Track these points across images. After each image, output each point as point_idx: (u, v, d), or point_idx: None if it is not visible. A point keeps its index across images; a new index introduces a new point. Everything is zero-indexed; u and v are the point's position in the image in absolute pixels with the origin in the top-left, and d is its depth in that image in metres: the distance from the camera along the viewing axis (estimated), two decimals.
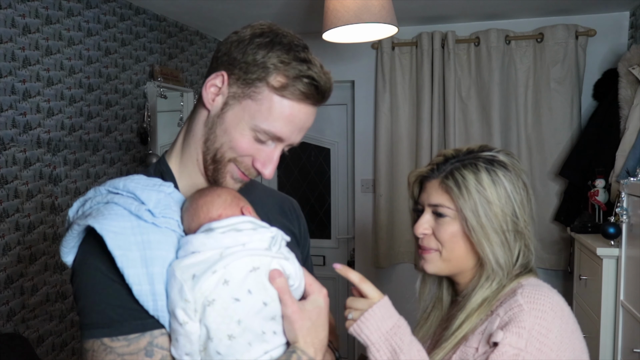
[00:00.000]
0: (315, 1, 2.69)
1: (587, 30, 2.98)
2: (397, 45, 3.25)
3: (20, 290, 2.11)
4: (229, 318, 0.74)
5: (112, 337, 0.75)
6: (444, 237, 0.98)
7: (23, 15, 2.10)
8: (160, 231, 0.80)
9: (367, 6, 1.94)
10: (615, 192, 2.37)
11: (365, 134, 3.45)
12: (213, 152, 0.87)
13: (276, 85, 0.81)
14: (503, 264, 0.95)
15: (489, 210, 0.94)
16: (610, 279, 2.11)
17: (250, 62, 0.82)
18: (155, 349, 0.77)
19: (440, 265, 1.00)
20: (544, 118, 3.06)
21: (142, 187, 0.83)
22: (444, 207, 0.98)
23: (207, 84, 0.86)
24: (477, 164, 0.97)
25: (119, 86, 2.66)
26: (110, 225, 0.76)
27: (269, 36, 0.84)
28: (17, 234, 2.09)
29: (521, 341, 0.85)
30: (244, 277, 0.76)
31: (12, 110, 2.06)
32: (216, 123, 0.86)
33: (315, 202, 3.74)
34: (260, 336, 0.76)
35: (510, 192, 0.96)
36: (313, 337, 0.80)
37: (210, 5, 2.75)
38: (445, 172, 0.98)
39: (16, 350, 1.85)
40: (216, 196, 0.83)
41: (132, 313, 0.76)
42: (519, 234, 0.97)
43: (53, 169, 2.27)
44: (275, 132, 0.84)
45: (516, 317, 0.87)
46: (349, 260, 3.63)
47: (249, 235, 0.79)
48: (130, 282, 0.74)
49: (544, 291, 0.91)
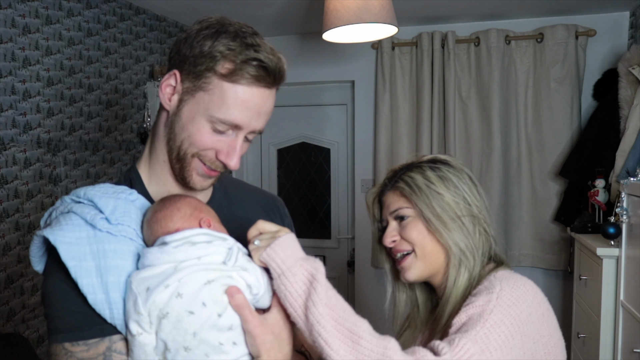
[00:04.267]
0: (315, 1, 2.69)
1: (587, 31, 2.98)
2: (397, 45, 3.25)
3: (21, 291, 2.11)
4: (183, 330, 0.75)
5: (73, 342, 0.77)
6: (412, 237, 1.02)
7: (23, 16, 2.10)
8: (116, 239, 0.80)
9: (367, 6, 1.94)
10: (615, 192, 2.37)
11: (365, 134, 3.45)
12: (176, 151, 0.87)
13: (224, 72, 0.81)
14: (464, 247, 0.99)
15: (441, 201, 1.00)
16: (610, 279, 2.10)
17: (198, 55, 0.83)
18: (114, 354, 0.79)
19: (420, 266, 1.03)
20: (543, 118, 3.06)
21: (100, 195, 0.83)
22: (403, 209, 1.03)
23: (162, 85, 0.87)
24: (422, 166, 1.05)
25: (119, 86, 2.66)
26: (64, 236, 0.77)
27: (214, 27, 0.84)
28: (17, 234, 2.10)
29: (489, 301, 0.87)
30: (198, 290, 0.75)
31: (12, 110, 2.06)
32: (174, 121, 0.86)
33: (315, 202, 3.74)
34: (217, 347, 0.76)
35: (457, 182, 1.02)
36: (276, 351, 0.79)
37: (210, 5, 2.75)
38: (395, 180, 1.06)
39: (16, 351, 1.85)
40: (175, 210, 0.83)
41: (91, 319, 0.77)
42: (475, 218, 1.01)
43: (53, 169, 2.27)
44: (232, 119, 0.83)
45: (488, 287, 0.91)
46: (349, 260, 3.63)
47: (203, 249, 0.78)
48: (85, 292, 0.76)
49: (517, 277, 0.95)
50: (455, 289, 0.99)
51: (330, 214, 3.70)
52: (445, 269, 1.02)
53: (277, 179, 3.80)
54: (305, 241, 3.70)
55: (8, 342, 1.87)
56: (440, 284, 1.05)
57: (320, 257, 4.18)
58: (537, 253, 3.13)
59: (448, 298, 0.99)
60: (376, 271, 3.44)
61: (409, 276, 1.04)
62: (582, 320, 2.43)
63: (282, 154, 3.78)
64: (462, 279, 0.99)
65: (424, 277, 1.05)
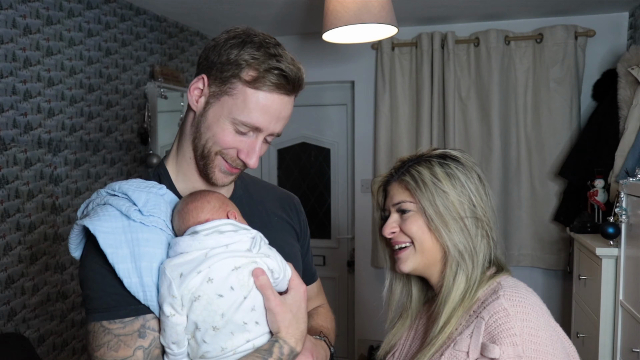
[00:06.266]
0: (315, 1, 2.69)
1: (587, 31, 2.99)
2: (397, 46, 3.25)
3: (21, 290, 2.12)
4: (213, 312, 0.83)
5: (110, 320, 0.85)
6: (411, 231, 1.02)
7: (24, 16, 2.10)
8: (148, 229, 0.88)
9: (367, 6, 1.95)
10: (614, 192, 2.38)
11: (365, 134, 3.45)
12: (201, 149, 0.94)
13: (248, 79, 0.89)
14: (463, 249, 0.98)
15: (445, 199, 0.99)
16: (610, 279, 2.11)
17: (225, 62, 0.90)
18: (148, 331, 0.86)
19: (416, 259, 1.03)
20: (543, 118, 3.07)
21: (134, 189, 0.91)
22: (406, 203, 1.03)
23: (191, 88, 0.94)
24: (431, 161, 1.03)
25: (119, 86, 2.66)
26: (102, 226, 0.85)
27: (241, 37, 0.92)
28: (18, 234, 2.10)
29: (517, 349, 0.87)
30: (227, 275, 0.84)
31: (13, 111, 2.07)
32: (200, 121, 0.94)
33: (315, 202, 3.75)
34: (241, 327, 0.85)
35: (464, 181, 1.00)
36: (294, 328, 0.88)
37: (211, 5, 2.75)
38: (402, 172, 1.05)
39: (17, 350, 1.86)
40: (206, 202, 0.91)
41: (126, 300, 0.85)
42: (478, 221, 1.00)
43: (54, 169, 2.27)
44: (253, 122, 0.91)
45: (504, 325, 0.89)
46: (349, 260, 3.63)
47: (230, 237, 0.87)
48: (121, 276, 0.84)
49: (523, 292, 0.94)
50: (453, 291, 0.98)
51: (330, 214, 3.70)
52: (442, 268, 1.02)
53: (277, 179, 3.81)
54: None
55: (9, 341, 1.87)
56: (436, 282, 1.05)
57: (320, 257, 4.20)
58: (537, 253, 3.14)
59: (445, 299, 0.98)
60: (376, 271, 3.44)
61: (404, 268, 1.04)
62: (582, 320, 2.44)
63: (282, 154, 3.79)
64: (459, 282, 0.98)
65: (419, 271, 1.05)
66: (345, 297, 3.67)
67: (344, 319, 3.66)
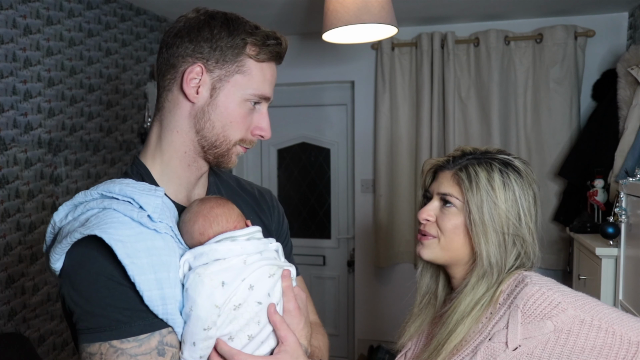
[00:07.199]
0: (315, 1, 2.70)
1: (586, 31, 2.99)
2: (397, 46, 3.26)
3: (22, 290, 2.12)
4: (252, 320, 0.82)
5: (122, 338, 0.76)
6: (446, 227, 1.00)
7: (24, 16, 2.11)
8: (161, 237, 0.81)
9: (367, 7, 1.95)
10: (614, 192, 2.38)
11: (365, 134, 3.45)
12: (213, 138, 0.91)
13: (252, 53, 0.91)
14: (494, 263, 0.97)
15: (493, 210, 0.96)
16: (609, 279, 2.11)
17: (224, 45, 0.89)
18: (166, 348, 0.79)
19: (437, 252, 1.02)
20: (543, 118, 3.07)
21: (139, 192, 0.84)
22: (452, 197, 1.00)
23: (186, 80, 0.88)
24: (492, 164, 0.99)
25: (119, 87, 2.66)
26: (117, 234, 0.77)
27: (215, 17, 0.92)
28: (18, 234, 2.10)
29: (568, 312, 0.88)
30: (264, 283, 0.84)
31: (13, 111, 2.07)
32: (208, 111, 0.90)
33: (315, 202, 3.75)
34: (270, 334, 0.84)
35: (518, 197, 0.98)
36: (307, 330, 0.90)
37: (211, 6, 2.75)
38: (460, 165, 1.01)
39: (17, 350, 1.86)
40: (232, 209, 0.90)
41: (139, 314, 0.77)
42: (518, 239, 0.98)
43: (54, 169, 2.27)
44: (263, 92, 0.93)
45: (545, 302, 0.90)
46: (349, 260, 3.63)
47: (264, 244, 0.88)
48: (142, 289, 0.76)
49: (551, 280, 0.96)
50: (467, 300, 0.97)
51: (330, 214, 3.70)
52: (467, 268, 1.01)
53: (277, 179, 3.81)
54: (305, 241, 3.70)
55: (9, 341, 1.87)
56: (456, 279, 1.04)
57: (320, 257, 4.20)
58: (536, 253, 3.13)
59: (459, 303, 0.98)
60: (376, 271, 3.45)
61: (423, 254, 1.04)
62: None
63: (282, 154, 3.79)
64: (479, 293, 0.97)
65: (438, 261, 1.04)
66: (345, 297, 3.67)
67: (344, 319, 3.66)
